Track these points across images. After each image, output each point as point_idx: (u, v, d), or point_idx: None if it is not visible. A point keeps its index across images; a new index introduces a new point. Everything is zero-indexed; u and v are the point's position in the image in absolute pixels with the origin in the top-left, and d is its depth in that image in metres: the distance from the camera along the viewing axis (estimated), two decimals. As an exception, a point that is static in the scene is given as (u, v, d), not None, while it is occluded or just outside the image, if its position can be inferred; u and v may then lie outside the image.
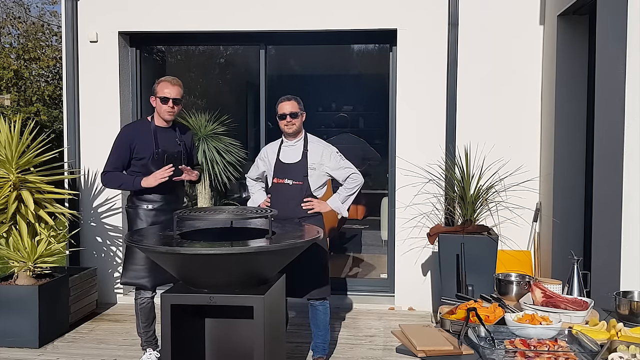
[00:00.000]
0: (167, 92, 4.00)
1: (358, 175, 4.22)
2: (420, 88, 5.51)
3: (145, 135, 4.02)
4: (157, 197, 4.02)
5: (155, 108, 4.08)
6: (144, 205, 4.02)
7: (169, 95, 3.99)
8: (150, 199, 4.02)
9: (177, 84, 4.05)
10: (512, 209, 5.17)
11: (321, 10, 5.56)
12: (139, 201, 4.04)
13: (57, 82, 13.03)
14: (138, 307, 4.08)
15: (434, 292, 5.44)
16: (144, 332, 4.14)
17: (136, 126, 4.20)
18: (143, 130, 4.05)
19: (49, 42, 13.91)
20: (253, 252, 2.86)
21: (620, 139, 3.47)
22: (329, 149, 4.21)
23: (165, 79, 4.08)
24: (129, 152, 3.99)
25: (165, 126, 4.10)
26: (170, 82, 4.04)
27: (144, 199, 4.03)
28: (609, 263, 3.61)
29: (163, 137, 4.06)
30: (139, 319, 4.11)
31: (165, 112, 4.02)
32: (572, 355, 2.21)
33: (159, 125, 4.08)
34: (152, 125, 4.06)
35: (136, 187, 3.98)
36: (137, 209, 4.03)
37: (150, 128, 4.05)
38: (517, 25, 5.42)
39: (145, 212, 4.02)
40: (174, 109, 4.03)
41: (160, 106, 4.02)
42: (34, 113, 10.72)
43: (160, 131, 4.06)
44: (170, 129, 4.13)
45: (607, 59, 3.79)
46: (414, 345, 2.48)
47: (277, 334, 3.20)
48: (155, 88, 4.06)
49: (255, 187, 4.47)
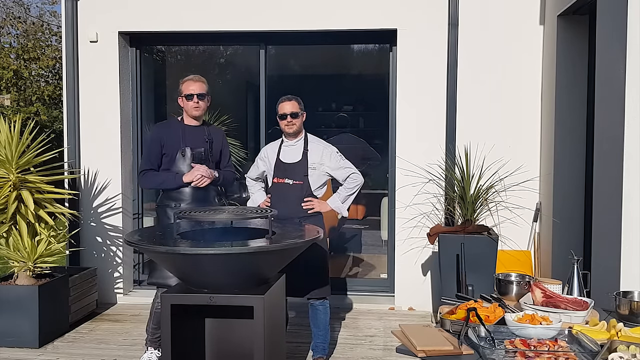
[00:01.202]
0: (192, 89, 4.09)
1: (358, 175, 4.23)
2: (420, 88, 5.51)
3: (175, 132, 4.11)
4: (186, 196, 4.06)
5: (183, 108, 4.16)
6: (172, 203, 4.06)
7: (193, 92, 4.08)
8: (178, 197, 4.05)
9: (199, 80, 4.14)
10: (512, 209, 5.17)
11: (321, 11, 5.56)
12: (167, 200, 4.09)
13: (57, 82, 13.02)
14: (154, 308, 4.10)
15: (434, 292, 5.44)
16: (152, 332, 4.15)
17: (166, 124, 4.29)
18: (173, 128, 4.15)
19: (48, 42, 13.91)
20: (253, 252, 2.86)
21: (620, 139, 3.47)
22: (329, 148, 4.21)
23: (188, 77, 4.18)
24: (160, 149, 4.08)
25: (194, 124, 4.16)
26: (193, 80, 4.13)
27: (172, 198, 4.07)
28: (609, 263, 3.61)
29: (191, 134, 4.13)
30: (152, 319, 4.13)
31: (192, 109, 4.09)
32: (572, 355, 2.21)
33: (187, 124, 4.15)
34: (182, 124, 4.16)
35: (178, 183, 4.03)
36: (165, 207, 4.07)
37: (179, 126, 4.14)
38: (517, 25, 5.42)
39: (172, 210, 4.03)
40: (199, 104, 4.10)
41: (186, 103, 4.11)
42: (34, 113, 10.72)
43: (189, 129, 4.13)
44: (199, 127, 4.18)
45: (607, 59, 3.79)
46: (414, 345, 2.48)
47: (277, 334, 3.20)
48: (180, 88, 4.16)
49: (255, 187, 4.47)
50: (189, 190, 4.05)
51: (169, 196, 4.09)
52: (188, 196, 4.06)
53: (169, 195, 4.09)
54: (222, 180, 4.23)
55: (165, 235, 3.24)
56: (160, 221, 4.13)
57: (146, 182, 4.17)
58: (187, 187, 4.05)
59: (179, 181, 4.03)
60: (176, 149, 4.07)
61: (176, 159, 4.07)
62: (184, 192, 4.06)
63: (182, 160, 4.07)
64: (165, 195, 4.12)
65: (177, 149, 4.07)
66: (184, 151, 4.07)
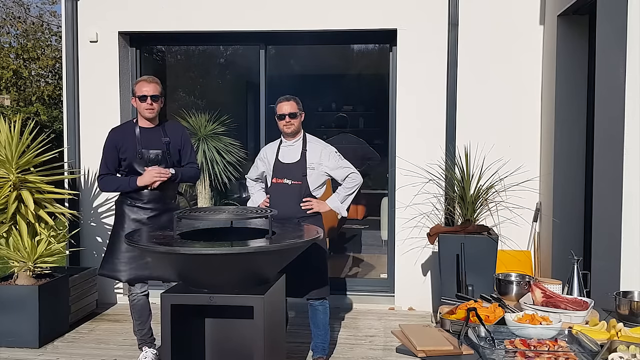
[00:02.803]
0: (145, 90, 4.04)
1: (357, 175, 4.23)
2: (420, 88, 5.51)
3: (130, 136, 4.08)
4: (142, 195, 4.06)
5: (137, 109, 4.13)
6: (128, 201, 4.08)
7: (146, 93, 4.03)
8: (135, 197, 4.07)
9: (153, 82, 4.09)
10: (512, 209, 5.17)
11: (321, 10, 5.56)
12: (124, 197, 4.11)
13: (57, 82, 13.02)
14: (130, 304, 4.12)
15: (434, 292, 5.44)
16: (138, 331, 4.17)
17: (121, 128, 4.25)
18: (128, 131, 4.11)
19: (48, 42, 13.91)
20: (253, 252, 2.86)
21: (620, 139, 3.47)
22: (327, 148, 4.21)
23: (142, 78, 4.15)
24: (117, 154, 4.07)
25: (149, 126, 4.13)
26: (147, 81, 4.09)
27: (130, 196, 4.08)
28: (609, 263, 3.61)
29: (146, 137, 4.09)
30: (133, 318, 4.15)
31: (145, 110, 4.05)
32: (572, 355, 2.21)
33: (142, 126, 4.12)
34: (136, 126, 4.12)
35: (132, 187, 4.03)
36: (122, 204, 4.10)
37: (134, 129, 4.10)
38: (517, 25, 5.42)
39: (128, 208, 4.07)
40: (153, 106, 4.05)
41: (139, 105, 4.07)
42: (34, 113, 10.72)
43: (144, 131, 4.10)
44: (155, 129, 4.15)
45: (607, 59, 3.79)
46: (414, 345, 2.48)
47: (277, 334, 3.20)
48: (134, 88, 4.12)
49: (255, 187, 4.47)
50: (146, 191, 4.05)
51: (126, 197, 4.10)
52: (145, 196, 4.06)
53: (125, 196, 4.11)
54: (181, 177, 4.19)
55: (165, 235, 3.24)
56: (117, 220, 4.12)
57: (104, 186, 4.14)
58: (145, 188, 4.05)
59: (133, 185, 4.03)
60: (133, 152, 4.05)
61: (134, 162, 4.05)
62: (141, 193, 4.06)
63: (139, 162, 4.05)
64: (123, 196, 4.13)
65: (133, 152, 4.05)
66: (140, 154, 4.04)
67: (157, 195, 4.08)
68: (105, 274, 4.08)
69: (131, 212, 4.06)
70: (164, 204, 4.09)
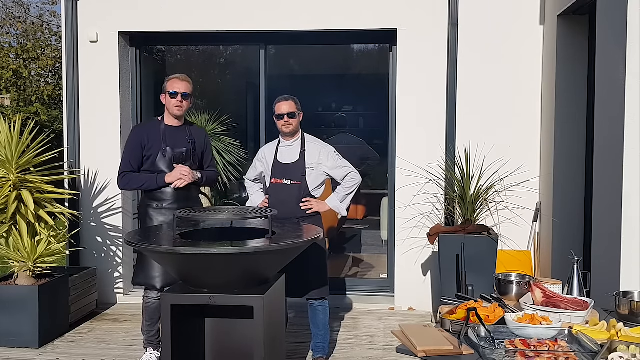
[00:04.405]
0: (177, 87, 4.07)
1: (356, 174, 4.23)
2: (420, 88, 5.51)
3: (155, 134, 4.08)
4: (168, 196, 4.05)
5: (165, 105, 4.14)
6: (154, 204, 4.05)
7: (177, 90, 4.06)
8: (160, 197, 4.05)
9: (185, 80, 4.12)
10: (512, 209, 5.17)
11: (321, 10, 5.56)
12: (150, 200, 4.08)
13: (57, 82, 13.02)
14: (144, 305, 4.11)
15: (434, 292, 5.44)
16: (146, 331, 4.16)
17: (147, 126, 4.26)
18: (153, 129, 4.11)
19: (48, 42, 13.91)
20: (253, 252, 2.86)
21: (620, 139, 3.47)
22: (326, 148, 4.21)
23: (174, 75, 4.16)
24: (141, 151, 4.05)
25: (175, 125, 4.14)
26: (179, 78, 4.12)
27: (155, 198, 4.06)
28: (609, 263, 3.61)
29: (172, 135, 4.10)
30: (144, 318, 4.15)
31: (174, 107, 4.07)
32: (572, 355, 2.21)
33: (168, 125, 4.13)
34: (162, 124, 4.12)
35: (160, 184, 4.02)
36: (147, 207, 4.07)
37: (160, 127, 4.10)
38: (517, 25, 5.42)
39: (154, 211, 4.05)
40: (183, 104, 4.08)
41: (169, 101, 4.08)
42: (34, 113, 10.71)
43: (169, 130, 4.11)
44: (181, 128, 4.16)
45: (607, 59, 3.79)
46: (414, 345, 2.48)
47: (277, 334, 3.20)
48: (165, 85, 4.14)
49: (254, 188, 4.47)
50: (170, 191, 4.04)
51: (151, 197, 4.07)
52: (170, 196, 4.05)
53: (150, 196, 4.07)
54: (205, 181, 4.22)
55: (165, 235, 3.24)
56: (142, 222, 4.11)
57: (127, 184, 4.10)
58: (168, 187, 4.03)
59: (160, 182, 4.01)
60: (157, 149, 4.04)
61: (157, 160, 4.04)
62: (165, 193, 4.05)
63: (163, 161, 4.04)
64: (147, 195, 4.10)
65: (158, 150, 4.04)
66: (165, 152, 4.04)
67: (183, 196, 4.07)
68: (140, 282, 4.06)
69: (159, 215, 4.04)
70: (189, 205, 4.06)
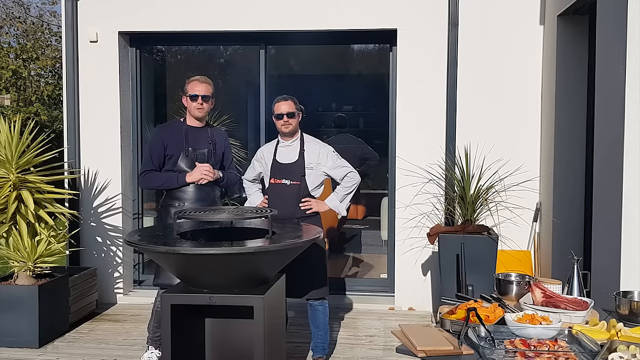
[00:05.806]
0: (197, 89, 4.10)
1: (355, 174, 4.23)
2: (420, 88, 5.51)
3: (177, 133, 4.12)
4: (189, 195, 4.07)
5: (186, 107, 4.17)
6: (176, 203, 4.07)
7: (198, 93, 4.08)
8: (182, 197, 4.07)
9: (205, 82, 4.15)
10: (512, 209, 5.17)
11: (321, 10, 5.56)
12: (171, 200, 4.09)
13: (57, 82, 13.02)
14: (155, 306, 4.12)
15: (434, 292, 5.44)
16: (153, 331, 4.17)
17: (169, 126, 4.30)
18: (175, 129, 4.15)
19: (48, 42, 13.90)
20: (253, 252, 2.86)
21: (620, 139, 3.47)
22: (325, 148, 4.21)
23: (194, 77, 4.19)
24: (163, 151, 4.08)
25: (197, 126, 4.17)
26: (199, 80, 4.14)
27: (176, 197, 4.07)
28: (609, 263, 3.61)
29: (194, 136, 4.14)
30: (153, 318, 4.15)
31: (195, 109, 4.10)
32: (572, 355, 2.21)
33: (190, 125, 4.16)
34: (184, 125, 4.16)
35: (181, 183, 4.05)
36: (169, 207, 4.07)
37: (182, 128, 4.14)
38: (517, 25, 5.42)
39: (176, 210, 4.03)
40: (203, 106, 4.11)
41: (190, 104, 4.11)
42: (34, 113, 10.71)
43: (191, 130, 4.14)
44: (202, 129, 4.20)
45: (607, 59, 3.79)
46: (414, 345, 2.48)
47: (277, 334, 3.20)
48: (186, 87, 4.16)
49: (252, 188, 4.47)
50: (192, 190, 4.06)
51: (172, 196, 4.09)
52: (191, 195, 4.07)
53: (172, 195, 4.10)
54: (226, 181, 4.25)
55: (165, 235, 3.24)
56: (162, 221, 4.13)
57: (148, 182, 4.16)
58: (189, 186, 4.06)
59: (182, 181, 4.04)
60: (179, 150, 4.08)
61: (179, 160, 4.08)
62: (187, 192, 4.07)
63: (185, 161, 4.09)
64: (169, 195, 4.13)
65: (180, 150, 4.08)
66: (187, 152, 4.08)
67: (205, 194, 4.09)
68: (161, 283, 4.05)
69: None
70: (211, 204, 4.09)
